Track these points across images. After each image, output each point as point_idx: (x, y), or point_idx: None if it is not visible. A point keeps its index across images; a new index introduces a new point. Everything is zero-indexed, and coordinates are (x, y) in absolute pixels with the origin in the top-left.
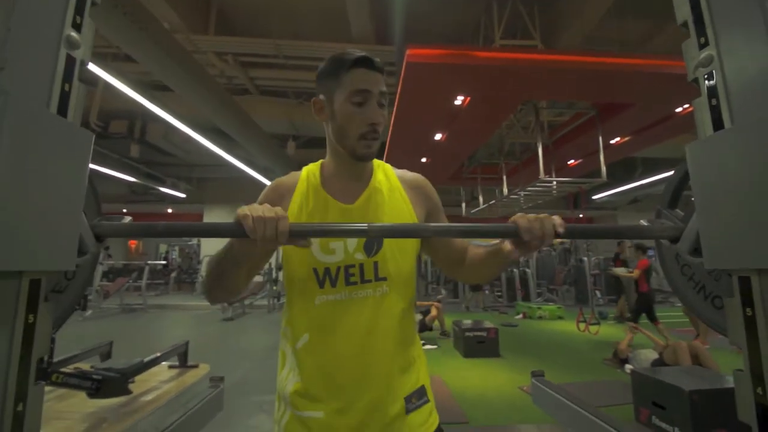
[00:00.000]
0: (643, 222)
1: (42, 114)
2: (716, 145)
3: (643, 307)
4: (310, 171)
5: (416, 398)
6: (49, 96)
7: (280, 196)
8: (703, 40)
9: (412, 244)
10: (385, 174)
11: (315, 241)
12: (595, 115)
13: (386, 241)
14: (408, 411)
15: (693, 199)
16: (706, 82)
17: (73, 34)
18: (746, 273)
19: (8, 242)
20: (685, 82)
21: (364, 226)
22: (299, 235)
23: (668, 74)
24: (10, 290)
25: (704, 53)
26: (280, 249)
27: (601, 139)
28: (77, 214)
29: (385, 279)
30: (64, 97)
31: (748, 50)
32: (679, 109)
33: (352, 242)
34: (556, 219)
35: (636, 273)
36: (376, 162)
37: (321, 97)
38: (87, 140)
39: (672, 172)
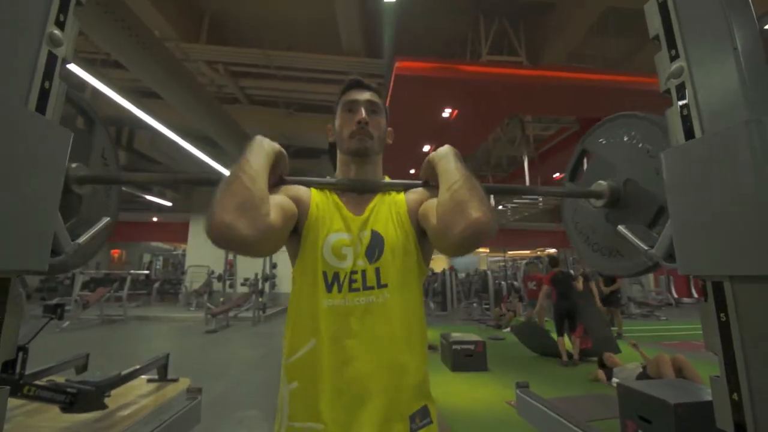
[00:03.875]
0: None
1: (19, 111)
2: (687, 154)
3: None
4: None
5: (419, 418)
6: (28, 93)
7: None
8: (673, 52)
9: (412, 244)
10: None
11: (328, 246)
12: (579, 129)
13: (387, 246)
14: (412, 431)
15: (668, 206)
16: (677, 92)
17: (56, 32)
18: (719, 279)
19: None
20: (663, 99)
21: (332, 179)
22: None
23: (647, 91)
24: None
25: (675, 65)
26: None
27: None
28: (52, 213)
29: (386, 285)
30: (44, 95)
31: (715, 62)
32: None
33: (357, 249)
34: None
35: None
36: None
37: (330, 125)
38: (65, 138)
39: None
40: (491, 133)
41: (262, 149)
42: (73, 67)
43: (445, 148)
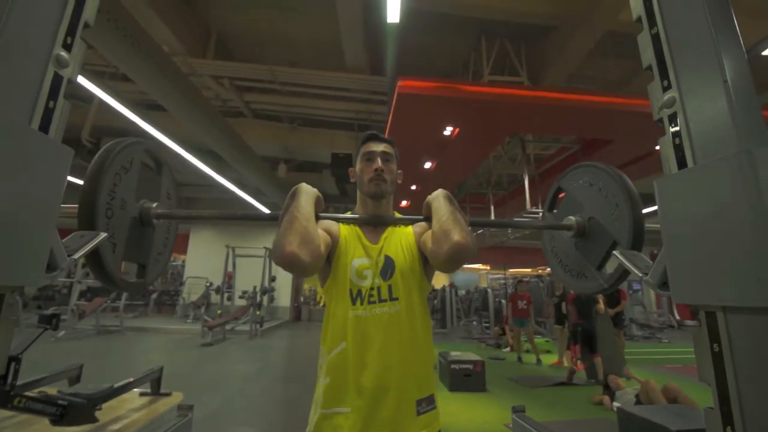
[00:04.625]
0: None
1: (23, 130)
2: (680, 184)
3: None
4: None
5: (426, 404)
6: (32, 112)
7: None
8: (666, 83)
9: (417, 265)
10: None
11: (353, 269)
12: (579, 150)
13: (397, 268)
14: (419, 413)
15: (661, 234)
16: (670, 122)
17: (63, 53)
18: (712, 309)
19: None
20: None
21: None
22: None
23: (644, 113)
24: None
25: (667, 95)
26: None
27: None
28: (50, 229)
29: (397, 299)
30: (48, 114)
31: (706, 93)
32: (658, 147)
33: (375, 270)
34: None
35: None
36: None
37: (352, 168)
38: (66, 157)
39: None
40: (492, 152)
41: (309, 196)
42: (81, 80)
43: (438, 192)
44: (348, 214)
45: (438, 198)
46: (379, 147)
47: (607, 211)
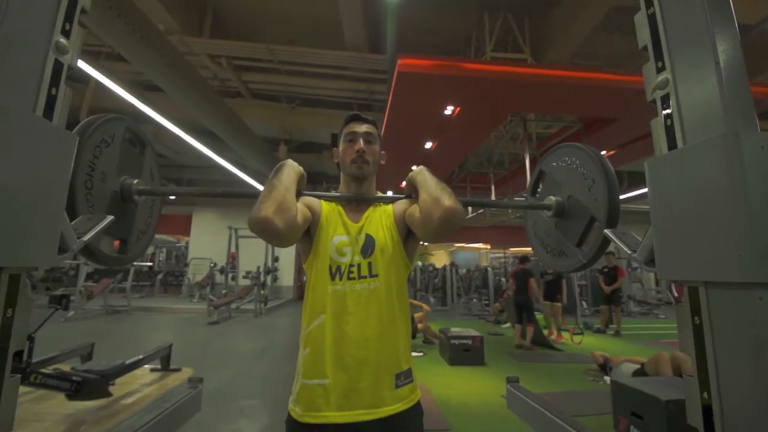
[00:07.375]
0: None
1: (28, 117)
2: (669, 164)
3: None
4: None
5: (404, 377)
6: (36, 100)
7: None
8: (660, 64)
9: (398, 244)
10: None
11: (333, 246)
12: (581, 128)
13: (377, 246)
14: (397, 386)
15: (650, 213)
16: (662, 103)
17: (62, 40)
18: (695, 284)
19: None
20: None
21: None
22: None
23: None
24: None
25: (661, 77)
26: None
27: None
28: (59, 212)
29: (376, 275)
30: (51, 101)
31: (698, 77)
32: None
33: (355, 248)
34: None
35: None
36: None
37: (336, 148)
38: (71, 142)
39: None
40: (494, 131)
41: (293, 170)
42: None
43: (419, 168)
44: (331, 193)
45: (421, 172)
46: (362, 128)
47: (585, 187)
